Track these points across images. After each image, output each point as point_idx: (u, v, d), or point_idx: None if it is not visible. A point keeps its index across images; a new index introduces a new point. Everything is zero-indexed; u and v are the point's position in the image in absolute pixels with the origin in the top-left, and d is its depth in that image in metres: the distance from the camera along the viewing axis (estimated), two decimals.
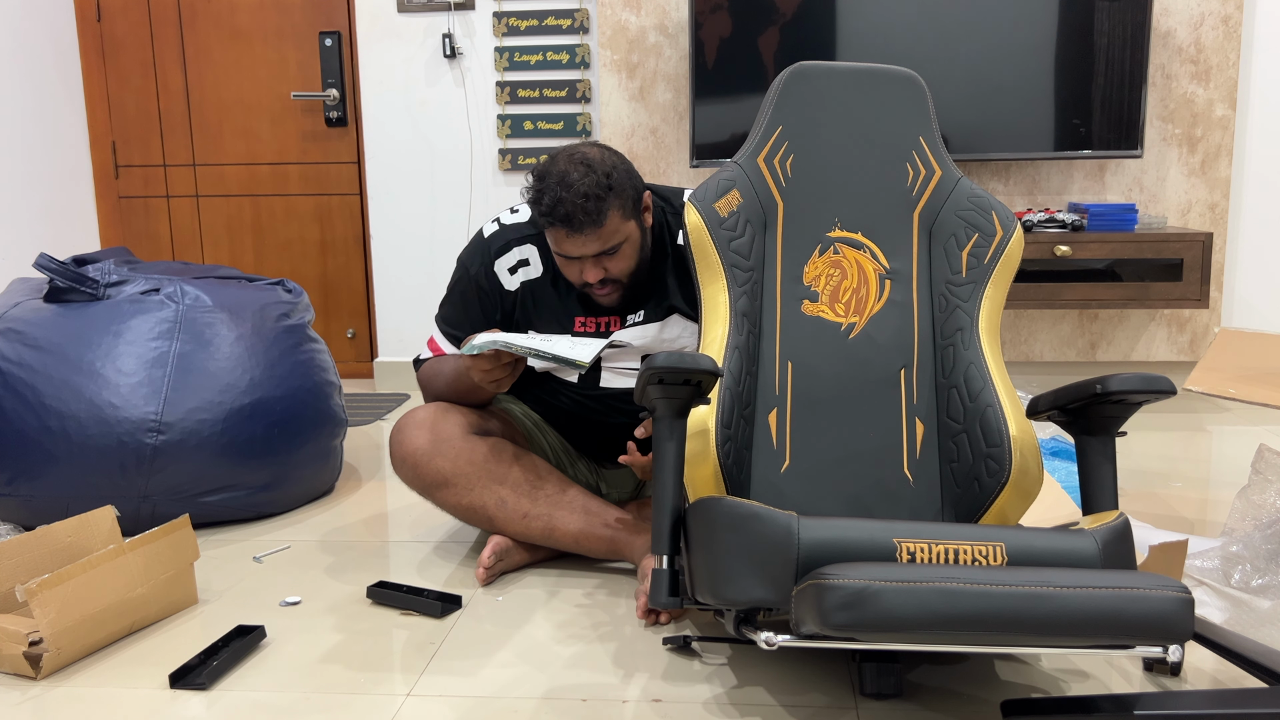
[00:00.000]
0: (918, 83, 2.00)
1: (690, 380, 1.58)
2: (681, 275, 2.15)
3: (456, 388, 2.18)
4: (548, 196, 1.94)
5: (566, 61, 3.70)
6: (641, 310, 2.15)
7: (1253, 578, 2.00)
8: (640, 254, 2.07)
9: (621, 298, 2.10)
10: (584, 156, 1.98)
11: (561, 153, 2.01)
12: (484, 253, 2.18)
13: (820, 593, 1.32)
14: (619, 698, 1.67)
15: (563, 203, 1.93)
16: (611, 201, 1.96)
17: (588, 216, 1.93)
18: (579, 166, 1.96)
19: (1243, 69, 3.51)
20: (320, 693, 1.70)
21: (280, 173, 4.05)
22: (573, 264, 2.04)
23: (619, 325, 2.15)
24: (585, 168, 1.95)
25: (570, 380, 2.20)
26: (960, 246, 1.92)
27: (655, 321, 2.15)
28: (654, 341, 2.15)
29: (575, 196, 1.92)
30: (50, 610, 1.74)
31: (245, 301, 2.56)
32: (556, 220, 1.95)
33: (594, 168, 1.96)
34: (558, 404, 2.25)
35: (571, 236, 1.96)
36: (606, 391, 2.19)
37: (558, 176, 1.95)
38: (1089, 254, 3.31)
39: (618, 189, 1.97)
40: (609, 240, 1.99)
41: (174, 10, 3.99)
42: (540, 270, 2.15)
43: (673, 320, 2.15)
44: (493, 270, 2.16)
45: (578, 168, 1.95)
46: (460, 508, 2.13)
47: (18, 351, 2.37)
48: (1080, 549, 1.46)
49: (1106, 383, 1.59)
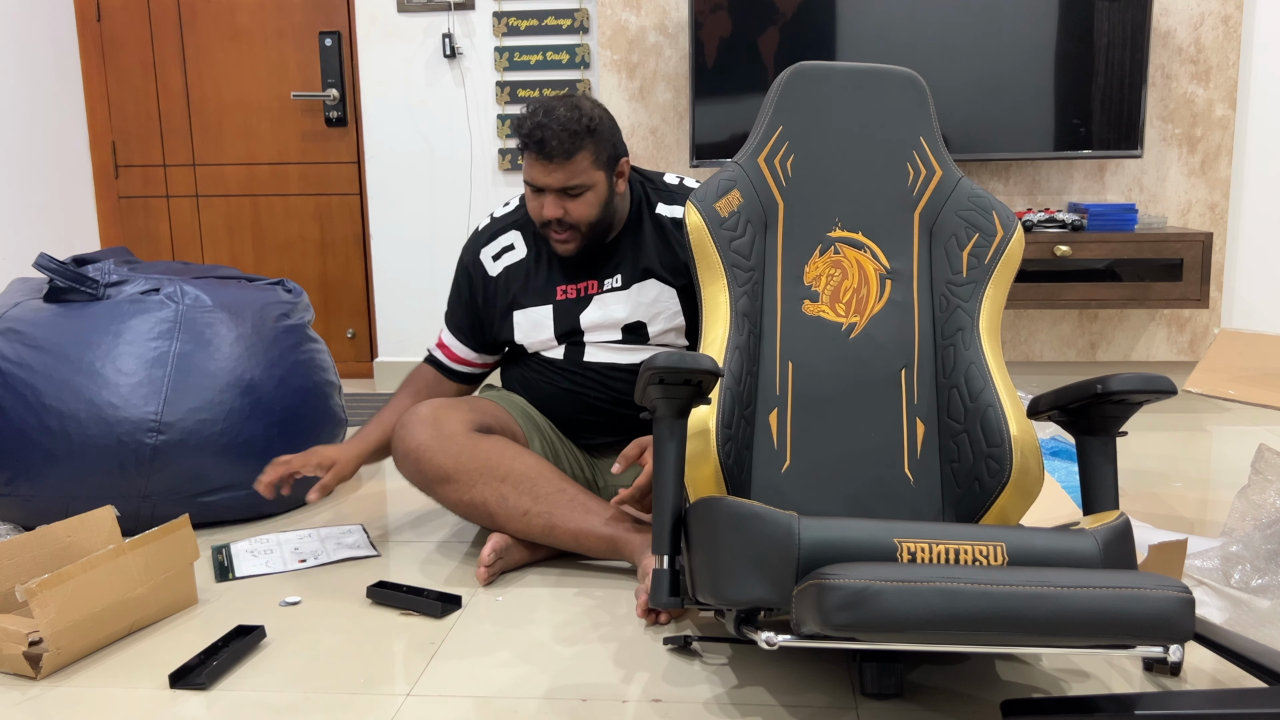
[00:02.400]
0: (918, 83, 2.00)
1: (691, 380, 1.58)
2: (661, 243, 2.25)
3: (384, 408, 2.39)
4: (529, 121, 2.07)
5: (566, 61, 3.70)
6: (619, 275, 2.25)
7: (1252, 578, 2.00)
8: (604, 210, 2.16)
9: (579, 250, 2.19)
10: (575, 100, 2.11)
11: (556, 96, 2.13)
12: (474, 245, 2.35)
13: (821, 593, 1.32)
14: (619, 697, 1.67)
15: (541, 128, 2.05)
16: (586, 142, 2.07)
17: (560, 146, 2.05)
18: (566, 104, 2.08)
19: (1243, 69, 3.51)
20: (320, 693, 1.70)
21: (280, 173, 4.05)
22: (536, 197, 2.14)
23: (597, 289, 2.25)
24: (573, 108, 2.08)
25: (556, 357, 2.28)
26: (961, 246, 1.92)
27: (633, 284, 2.24)
28: (633, 305, 2.25)
29: (554, 124, 2.04)
30: (50, 610, 1.73)
31: (245, 301, 2.56)
32: (531, 144, 2.06)
33: (581, 110, 2.08)
34: (546, 381, 2.31)
35: (540, 163, 2.07)
36: (591, 365, 2.26)
37: (545, 107, 2.08)
38: (1089, 254, 3.31)
39: (596, 135, 2.09)
40: (573, 177, 2.08)
41: (174, 10, 3.99)
42: (524, 252, 2.29)
43: (649, 283, 2.24)
44: (479, 259, 2.33)
45: (565, 105, 2.08)
46: (461, 504, 2.14)
47: (18, 351, 2.37)
48: (1081, 549, 1.46)
49: (1107, 382, 1.59)
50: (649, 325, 2.25)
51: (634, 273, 2.25)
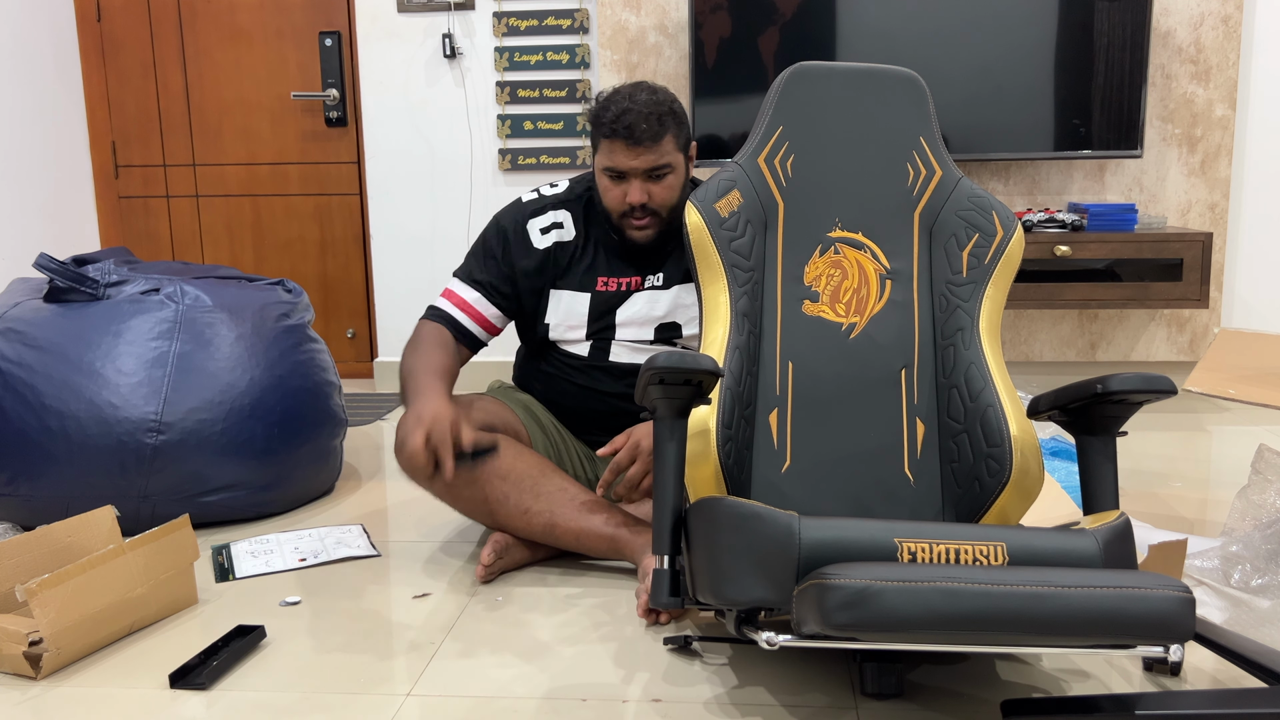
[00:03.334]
0: (918, 83, 2.00)
1: (691, 380, 1.58)
2: None
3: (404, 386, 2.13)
4: (614, 108, 2.09)
5: (566, 61, 3.70)
6: (661, 273, 2.25)
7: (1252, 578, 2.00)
8: (683, 194, 2.18)
9: (655, 236, 2.19)
10: (651, 85, 2.14)
11: (626, 84, 2.16)
12: (520, 212, 2.29)
13: (822, 592, 1.32)
14: (619, 697, 1.67)
15: (628, 113, 2.07)
16: (671, 124, 2.11)
17: (649, 129, 2.07)
18: (645, 89, 2.12)
19: (1243, 69, 3.51)
20: (320, 693, 1.70)
21: (280, 173, 4.05)
22: (619, 185, 2.14)
23: (639, 285, 2.25)
24: (652, 91, 2.12)
25: (580, 353, 2.27)
26: (961, 246, 1.92)
27: (675, 285, 2.25)
28: (671, 306, 2.25)
29: (642, 108, 2.07)
30: (50, 610, 1.73)
31: (245, 301, 2.56)
32: (619, 130, 2.07)
33: (659, 94, 2.12)
34: (564, 376, 2.29)
35: (630, 148, 2.08)
36: (614, 364, 2.25)
37: (626, 94, 2.10)
38: (1089, 254, 3.31)
39: (677, 116, 2.13)
40: (661, 158, 2.11)
41: (174, 10, 3.99)
42: (573, 234, 2.27)
43: (690, 286, 2.25)
44: (524, 227, 2.27)
45: (644, 90, 2.11)
46: (462, 501, 2.14)
47: (18, 351, 2.37)
48: (1081, 549, 1.46)
49: (1107, 382, 1.59)
50: (684, 327, 2.25)
51: (677, 274, 2.25)
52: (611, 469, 2.07)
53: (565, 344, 2.28)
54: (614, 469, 2.06)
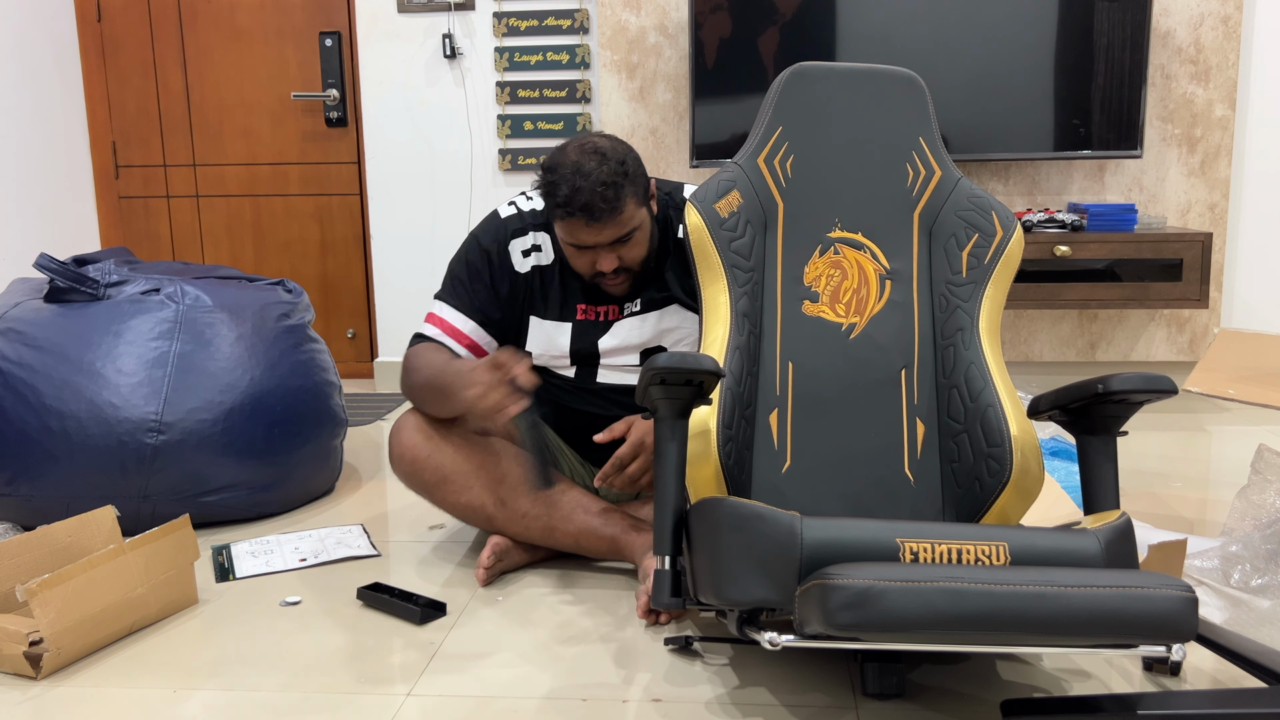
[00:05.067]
0: (917, 83, 2.00)
1: (692, 381, 1.57)
2: (681, 267, 2.17)
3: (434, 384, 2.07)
4: (565, 187, 1.93)
5: (566, 62, 3.70)
6: (639, 300, 2.16)
7: (1252, 578, 2.00)
8: (650, 241, 2.09)
9: (631, 286, 2.11)
10: (595, 146, 1.98)
11: (570, 144, 2.00)
12: (500, 231, 2.17)
13: (825, 593, 1.32)
14: (620, 698, 1.67)
15: (580, 192, 1.92)
16: (627, 189, 1.95)
17: (606, 204, 1.93)
18: (592, 156, 1.95)
19: (1242, 69, 3.51)
20: (320, 693, 1.70)
21: (280, 173, 4.05)
22: (585, 254, 2.03)
23: (618, 314, 2.17)
24: (599, 156, 1.95)
25: (568, 375, 2.21)
26: (960, 247, 1.92)
27: (653, 311, 2.16)
28: (654, 332, 2.17)
29: (594, 185, 1.91)
30: (50, 610, 1.73)
31: (245, 301, 2.55)
32: (575, 210, 1.93)
33: (608, 156, 1.95)
34: (552, 396, 2.25)
35: (590, 226, 1.95)
36: (604, 386, 2.20)
37: (572, 167, 1.94)
38: (1089, 254, 3.31)
39: (632, 176, 1.97)
40: (625, 227, 1.99)
41: (174, 10, 3.99)
42: (551, 257, 2.16)
43: (671, 310, 2.17)
44: (506, 250, 2.16)
45: (591, 157, 1.95)
46: (459, 506, 2.14)
47: (18, 351, 2.37)
48: (1083, 548, 1.46)
49: (1108, 382, 1.59)
50: (668, 349, 2.20)
51: (656, 300, 2.16)
52: (613, 463, 2.06)
53: (552, 368, 2.23)
54: (615, 463, 2.06)
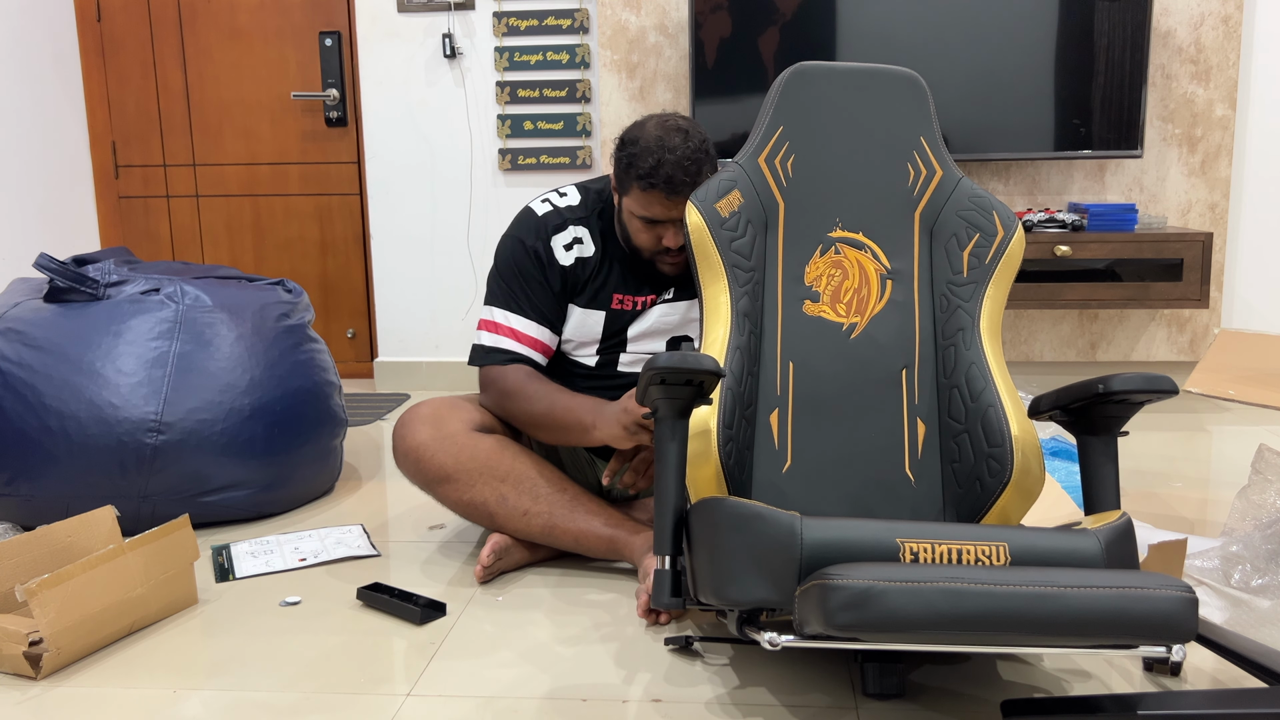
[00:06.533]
0: (918, 83, 2.00)
1: (692, 381, 1.57)
2: None
3: (555, 418, 2.10)
4: (650, 158, 1.99)
5: (566, 61, 3.70)
6: (672, 289, 2.21)
7: (1253, 578, 2.00)
8: None
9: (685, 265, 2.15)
10: (676, 124, 2.04)
11: (649, 120, 2.06)
12: (541, 228, 2.19)
13: (825, 593, 1.32)
14: (620, 698, 1.67)
15: (664, 165, 1.98)
16: (706, 167, 2.02)
17: (689, 178, 1.99)
18: (676, 133, 2.01)
19: (1243, 69, 3.51)
20: (320, 693, 1.70)
21: (280, 173, 4.05)
22: (653, 229, 2.08)
23: (654, 302, 2.22)
24: (683, 134, 2.01)
25: (588, 363, 2.23)
26: (961, 246, 1.92)
27: (683, 301, 2.21)
28: (681, 320, 2.22)
29: (680, 159, 1.98)
30: (50, 610, 1.73)
31: (245, 301, 2.55)
32: (658, 183, 1.99)
33: (690, 135, 2.02)
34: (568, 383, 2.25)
35: (668, 200, 2.01)
36: (621, 373, 2.23)
37: (656, 141, 2.00)
38: (1089, 254, 3.31)
39: (711, 158, 2.04)
40: None
41: (174, 10, 3.99)
42: (592, 249, 2.20)
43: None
44: (550, 246, 2.18)
45: (675, 134, 2.01)
46: (461, 503, 2.14)
47: (18, 351, 2.37)
48: (1083, 549, 1.46)
49: (1109, 382, 1.59)
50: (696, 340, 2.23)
51: (688, 290, 2.21)
52: (617, 457, 2.07)
53: (574, 355, 2.25)
54: (620, 456, 2.06)
